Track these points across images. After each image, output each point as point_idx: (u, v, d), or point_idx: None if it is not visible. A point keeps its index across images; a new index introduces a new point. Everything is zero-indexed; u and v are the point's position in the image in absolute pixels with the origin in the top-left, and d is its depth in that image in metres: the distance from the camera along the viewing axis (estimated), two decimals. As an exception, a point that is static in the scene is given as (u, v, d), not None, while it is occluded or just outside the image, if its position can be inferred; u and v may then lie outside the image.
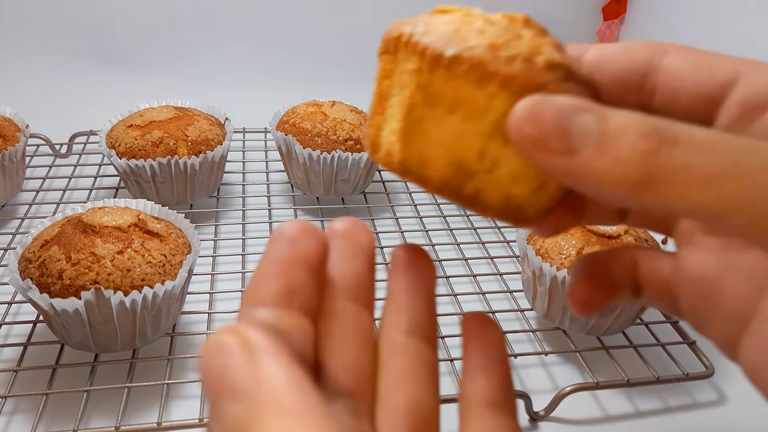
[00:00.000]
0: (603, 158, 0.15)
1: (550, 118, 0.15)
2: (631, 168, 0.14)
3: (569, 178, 0.15)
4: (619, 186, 0.15)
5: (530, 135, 0.15)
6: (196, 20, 0.77)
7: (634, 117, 0.15)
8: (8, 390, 0.39)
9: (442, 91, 0.17)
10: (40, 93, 0.74)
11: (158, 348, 0.44)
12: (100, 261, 0.39)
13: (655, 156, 0.14)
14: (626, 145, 0.15)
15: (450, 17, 0.17)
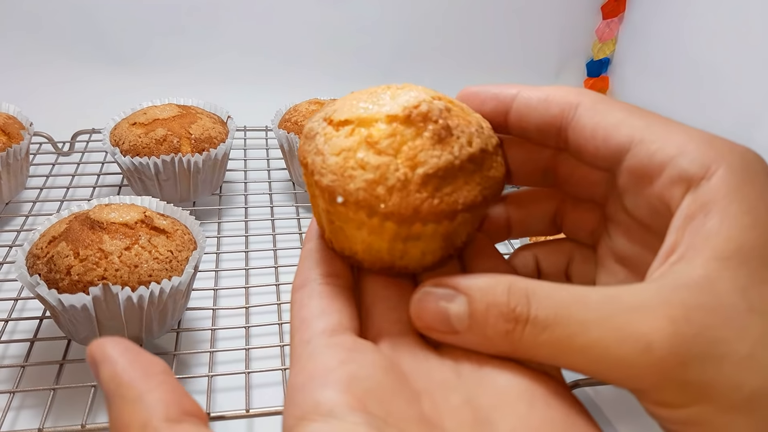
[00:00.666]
0: (476, 336, 0.19)
1: (433, 312, 0.19)
2: (497, 344, 0.18)
3: (456, 345, 0.19)
4: (494, 350, 0.19)
5: (422, 325, 0.20)
6: (199, 19, 0.78)
7: (499, 296, 0.18)
8: (16, 385, 0.40)
9: (346, 216, 0.21)
10: (43, 91, 0.75)
11: (164, 343, 0.44)
12: (108, 257, 0.39)
13: (511, 335, 0.18)
14: (490, 326, 0.18)
15: (341, 144, 0.21)
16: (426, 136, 0.20)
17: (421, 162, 0.20)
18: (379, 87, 0.23)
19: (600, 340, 0.17)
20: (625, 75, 0.83)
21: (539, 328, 0.17)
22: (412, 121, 0.20)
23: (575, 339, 0.17)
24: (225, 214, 0.60)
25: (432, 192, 0.20)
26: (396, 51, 0.82)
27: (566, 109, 0.22)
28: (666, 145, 0.19)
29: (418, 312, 0.20)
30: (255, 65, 0.79)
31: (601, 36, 0.84)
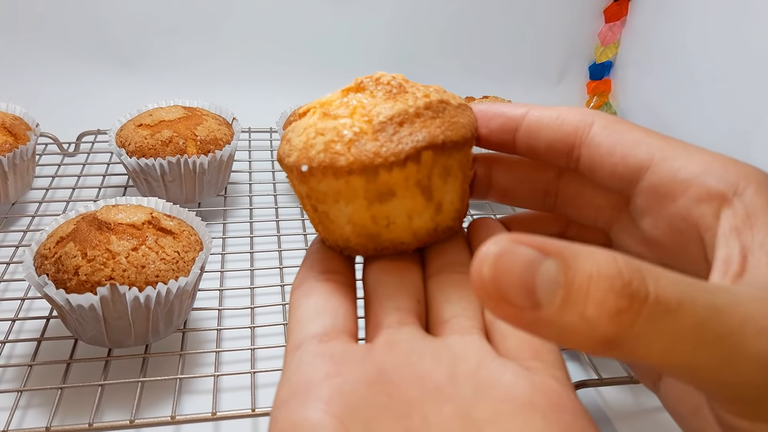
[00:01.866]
0: (569, 315, 0.14)
1: (515, 275, 0.14)
2: (598, 328, 0.14)
3: (531, 329, 0.15)
4: (584, 343, 0.14)
5: (493, 292, 0.14)
6: (205, 21, 0.78)
7: (604, 265, 0.14)
8: (23, 384, 0.40)
9: (320, 191, 0.21)
10: (49, 92, 0.75)
11: (170, 343, 0.44)
12: (116, 257, 0.40)
13: (623, 317, 0.14)
14: (595, 302, 0.14)
15: (303, 124, 0.22)
16: (379, 96, 0.21)
17: (374, 114, 0.20)
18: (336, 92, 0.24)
19: (737, 329, 0.14)
20: (627, 78, 0.83)
21: (662, 310, 0.14)
22: (365, 86, 0.22)
23: (708, 326, 0.14)
24: (230, 215, 0.60)
25: (389, 137, 0.20)
26: (399, 53, 0.83)
27: (581, 128, 0.22)
28: (689, 164, 0.19)
29: (496, 271, 0.14)
30: (260, 67, 0.80)
31: (603, 39, 0.84)
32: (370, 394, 0.17)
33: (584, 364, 0.46)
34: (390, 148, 0.20)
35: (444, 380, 0.18)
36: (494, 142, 0.24)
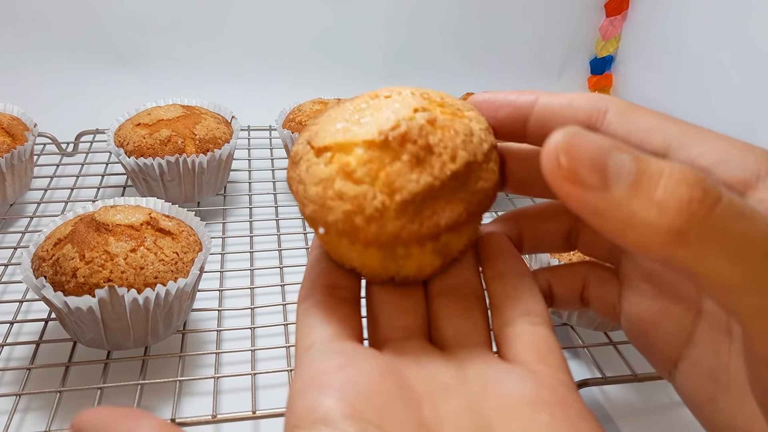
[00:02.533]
0: (638, 199, 0.14)
1: (587, 152, 0.14)
2: (668, 215, 0.13)
3: (597, 217, 0.15)
4: (650, 232, 0.14)
5: (565, 167, 0.15)
6: (203, 19, 0.77)
7: (677, 165, 0.14)
8: (22, 387, 0.40)
9: (333, 242, 0.21)
10: (47, 92, 0.74)
11: (170, 345, 0.44)
12: (114, 259, 0.39)
13: (697, 207, 0.13)
14: (667, 188, 0.14)
15: (320, 172, 0.20)
16: (404, 160, 0.19)
17: (398, 188, 0.19)
18: (365, 97, 0.22)
19: None
20: (628, 72, 0.83)
21: (736, 212, 0.13)
22: (389, 145, 0.20)
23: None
24: (229, 215, 0.60)
25: (411, 217, 0.19)
26: (399, 50, 0.82)
27: (594, 115, 0.21)
28: (707, 151, 0.18)
29: (571, 145, 0.14)
30: (259, 65, 0.79)
31: (604, 34, 0.83)
32: (381, 384, 0.17)
33: (588, 362, 0.45)
34: (411, 230, 0.19)
35: (452, 379, 0.18)
36: (503, 133, 0.23)
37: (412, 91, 0.22)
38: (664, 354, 0.23)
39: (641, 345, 0.24)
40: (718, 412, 0.21)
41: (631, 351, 0.44)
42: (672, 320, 0.23)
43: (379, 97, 0.22)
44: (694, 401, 0.22)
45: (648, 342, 0.24)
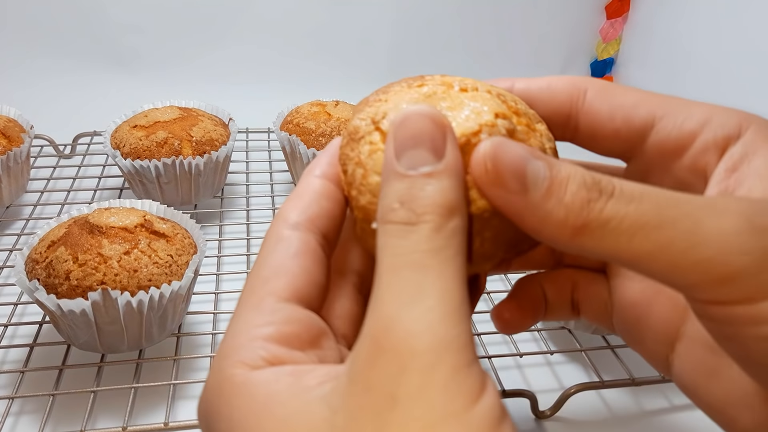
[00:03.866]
0: (550, 201, 0.17)
1: (510, 161, 0.17)
2: (572, 213, 0.16)
3: (517, 215, 0.17)
4: (560, 228, 0.17)
5: (491, 172, 0.17)
6: (200, 20, 0.77)
7: (578, 169, 0.17)
8: (15, 391, 0.39)
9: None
10: (44, 93, 0.74)
11: (164, 348, 0.44)
12: (107, 261, 0.39)
13: (593, 204, 0.16)
14: (570, 192, 0.17)
15: (375, 160, 0.20)
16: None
17: (473, 198, 0.19)
18: (436, 81, 0.21)
19: (694, 212, 0.16)
20: (629, 75, 0.82)
21: (626, 198, 0.16)
22: (469, 151, 0.19)
23: (665, 212, 0.16)
24: (226, 217, 0.59)
25: (475, 233, 0.19)
26: (398, 51, 0.82)
27: (574, 95, 0.22)
28: (691, 116, 0.20)
29: (496, 155, 0.17)
30: (257, 67, 0.79)
31: (604, 36, 0.83)
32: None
33: (586, 366, 0.45)
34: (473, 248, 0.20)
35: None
36: None
37: (488, 89, 0.21)
38: (660, 338, 0.23)
39: (635, 337, 0.24)
40: (723, 384, 0.21)
41: (628, 355, 0.44)
42: (666, 299, 0.23)
43: (454, 87, 0.20)
44: (695, 382, 0.22)
45: (643, 329, 0.23)
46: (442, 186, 0.17)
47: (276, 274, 0.20)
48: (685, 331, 0.22)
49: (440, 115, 0.18)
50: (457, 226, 0.17)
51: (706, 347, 0.22)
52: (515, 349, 0.44)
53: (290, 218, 0.21)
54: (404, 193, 0.17)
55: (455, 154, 0.18)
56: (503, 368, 0.44)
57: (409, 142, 0.18)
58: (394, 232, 0.17)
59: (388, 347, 0.15)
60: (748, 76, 0.63)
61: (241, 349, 0.19)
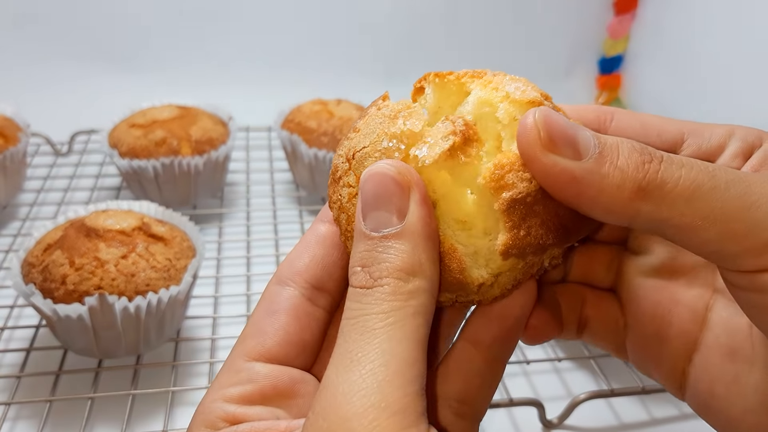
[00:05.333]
0: (604, 165, 0.17)
1: (560, 127, 0.18)
2: (628, 175, 0.17)
3: (571, 185, 0.18)
4: (617, 192, 0.17)
5: (545, 138, 0.18)
6: (200, 17, 0.76)
7: (623, 138, 0.18)
8: (12, 396, 0.38)
9: None
10: (41, 91, 0.73)
11: (163, 354, 0.43)
12: (104, 265, 0.38)
13: (647, 165, 0.17)
14: (623, 155, 0.17)
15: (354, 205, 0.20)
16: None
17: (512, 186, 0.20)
18: (397, 110, 0.20)
19: (744, 177, 0.17)
20: (638, 72, 0.81)
21: (676, 165, 0.17)
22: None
23: (717, 176, 0.17)
24: (226, 218, 0.58)
25: (520, 223, 0.19)
26: (401, 49, 0.81)
27: (601, 116, 0.23)
28: (716, 132, 0.22)
29: (547, 121, 0.18)
30: (257, 64, 0.78)
31: (613, 33, 0.82)
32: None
33: (595, 374, 0.44)
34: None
35: None
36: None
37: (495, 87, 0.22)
38: (678, 350, 0.23)
39: (651, 353, 0.24)
40: (744, 390, 0.20)
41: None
42: (686, 307, 0.23)
43: (411, 129, 0.20)
44: (714, 393, 0.21)
45: (662, 341, 0.23)
46: (402, 249, 0.18)
47: (251, 333, 0.21)
48: (704, 340, 0.22)
49: (405, 173, 0.18)
50: (417, 287, 0.18)
51: (725, 354, 0.21)
52: (522, 356, 0.43)
53: (280, 271, 0.22)
54: (365, 255, 0.18)
55: (418, 214, 0.18)
56: (511, 375, 0.43)
57: (373, 202, 0.18)
58: (353, 294, 0.18)
59: (326, 411, 0.16)
60: (758, 72, 0.62)
61: (205, 411, 0.20)
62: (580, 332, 0.25)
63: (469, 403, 0.22)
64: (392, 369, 0.16)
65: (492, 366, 0.22)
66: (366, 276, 0.18)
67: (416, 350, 0.17)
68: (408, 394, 0.16)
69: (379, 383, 0.16)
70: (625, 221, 0.18)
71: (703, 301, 0.23)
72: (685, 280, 0.23)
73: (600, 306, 0.25)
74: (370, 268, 0.18)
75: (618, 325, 0.25)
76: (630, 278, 0.24)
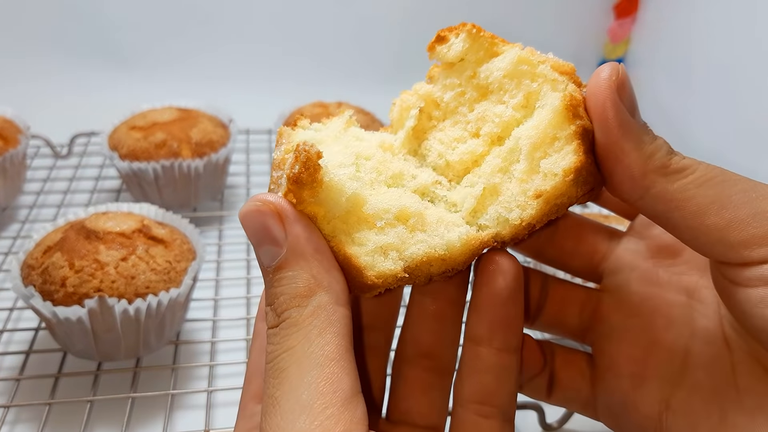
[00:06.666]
0: (648, 134, 0.21)
1: (629, 84, 0.21)
2: (661, 153, 0.20)
3: (619, 130, 0.20)
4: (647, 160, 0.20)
5: (620, 80, 0.21)
6: (201, 19, 0.76)
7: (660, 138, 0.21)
8: (11, 399, 0.38)
9: None
10: (41, 92, 0.73)
11: (162, 356, 0.43)
12: (104, 268, 0.38)
13: (675, 156, 0.20)
14: (661, 139, 0.21)
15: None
16: None
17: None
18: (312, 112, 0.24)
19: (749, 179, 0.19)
20: (638, 77, 0.81)
21: (696, 161, 0.20)
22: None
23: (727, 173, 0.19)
24: (227, 221, 0.58)
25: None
26: (403, 51, 0.81)
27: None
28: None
29: (624, 72, 0.21)
30: (258, 66, 0.78)
31: (613, 36, 0.82)
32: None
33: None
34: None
35: None
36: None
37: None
38: (654, 395, 0.23)
39: (626, 401, 0.24)
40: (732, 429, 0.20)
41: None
42: (663, 348, 0.23)
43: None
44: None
45: (635, 387, 0.23)
46: (293, 275, 0.19)
47: (252, 374, 0.22)
48: (684, 381, 0.22)
49: (268, 203, 0.19)
50: (318, 305, 0.18)
51: (711, 394, 0.21)
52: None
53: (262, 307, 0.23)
54: (269, 293, 0.19)
55: (297, 230, 0.19)
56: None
57: (256, 240, 0.19)
58: (268, 336, 0.19)
59: None
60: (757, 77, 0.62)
61: None
62: (550, 390, 0.26)
63: (490, 403, 0.22)
64: (304, 403, 0.17)
65: (500, 359, 0.22)
66: (273, 315, 0.19)
67: (329, 366, 0.18)
68: (329, 417, 0.17)
69: (294, 422, 0.17)
70: (637, 191, 0.20)
71: (683, 342, 0.23)
72: (665, 321, 0.23)
73: (569, 360, 0.26)
74: (274, 305, 0.19)
75: (586, 379, 0.25)
76: (606, 317, 0.25)
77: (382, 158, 0.24)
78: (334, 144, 0.23)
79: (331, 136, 0.24)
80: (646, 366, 0.23)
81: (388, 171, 0.23)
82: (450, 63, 0.25)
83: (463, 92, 0.25)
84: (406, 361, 0.23)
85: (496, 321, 0.22)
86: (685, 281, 0.24)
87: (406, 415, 0.23)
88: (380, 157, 0.24)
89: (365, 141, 0.24)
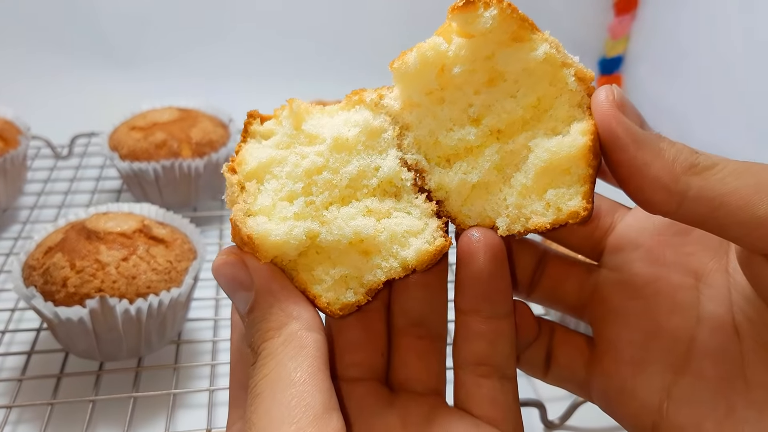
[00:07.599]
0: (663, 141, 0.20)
1: (631, 105, 0.20)
2: (683, 154, 0.19)
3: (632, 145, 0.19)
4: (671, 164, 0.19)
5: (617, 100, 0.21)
6: (201, 20, 0.76)
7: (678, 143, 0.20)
8: (13, 399, 0.38)
9: None
10: (41, 93, 0.73)
11: (164, 356, 0.43)
12: (105, 268, 0.38)
13: (698, 154, 0.19)
14: (678, 143, 0.20)
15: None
16: None
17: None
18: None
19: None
20: (638, 73, 0.81)
21: (723, 157, 0.19)
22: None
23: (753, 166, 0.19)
24: (227, 220, 0.58)
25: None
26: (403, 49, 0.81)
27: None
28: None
29: (621, 94, 0.21)
30: (258, 66, 0.78)
31: (613, 33, 0.82)
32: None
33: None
34: None
35: (396, 422, 0.21)
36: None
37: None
38: (655, 382, 0.22)
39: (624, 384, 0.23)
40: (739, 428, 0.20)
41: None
42: (667, 334, 0.22)
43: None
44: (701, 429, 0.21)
45: (635, 372, 0.23)
46: (263, 313, 0.20)
47: (236, 364, 0.22)
48: (689, 368, 0.22)
49: (236, 253, 0.21)
50: (289, 334, 0.19)
51: (716, 384, 0.21)
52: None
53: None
54: (247, 335, 0.20)
55: (261, 273, 0.21)
56: (511, 376, 0.43)
57: (228, 290, 0.21)
58: (250, 371, 0.20)
59: None
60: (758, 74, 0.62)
61: None
62: (547, 367, 0.26)
63: (487, 363, 0.22)
64: (275, 419, 0.18)
65: (491, 326, 0.22)
66: (253, 353, 0.20)
67: (300, 386, 0.19)
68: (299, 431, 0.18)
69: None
70: (675, 199, 0.19)
71: (688, 328, 0.22)
72: (669, 305, 0.22)
73: (567, 340, 0.25)
74: (253, 345, 0.20)
75: (584, 359, 0.25)
76: (606, 297, 0.24)
77: (335, 164, 0.22)
78: (284, 162, 0.23)
79: (283, 144, 0.23)
80: (647, 352, 0.22)
81: (342, 181, 0.22)
82: (469, 34, 0.23)
83: (474, 70, 0.23)
84: (398, 332, 0.24)
85: (481, 296, 0.22)
86: (693, 263, 0.22)
87: (406, 384, 0.23)
88: (334, 164, 0.23)
89: (319, 139, 0.23)
